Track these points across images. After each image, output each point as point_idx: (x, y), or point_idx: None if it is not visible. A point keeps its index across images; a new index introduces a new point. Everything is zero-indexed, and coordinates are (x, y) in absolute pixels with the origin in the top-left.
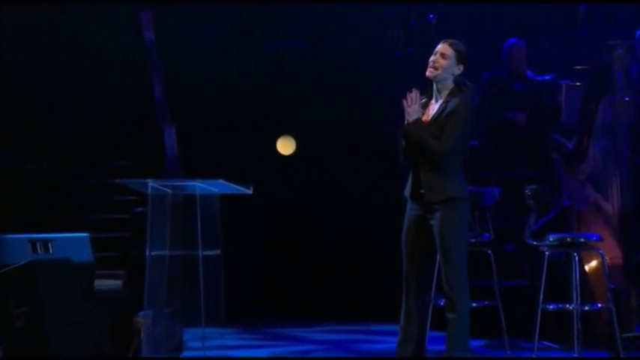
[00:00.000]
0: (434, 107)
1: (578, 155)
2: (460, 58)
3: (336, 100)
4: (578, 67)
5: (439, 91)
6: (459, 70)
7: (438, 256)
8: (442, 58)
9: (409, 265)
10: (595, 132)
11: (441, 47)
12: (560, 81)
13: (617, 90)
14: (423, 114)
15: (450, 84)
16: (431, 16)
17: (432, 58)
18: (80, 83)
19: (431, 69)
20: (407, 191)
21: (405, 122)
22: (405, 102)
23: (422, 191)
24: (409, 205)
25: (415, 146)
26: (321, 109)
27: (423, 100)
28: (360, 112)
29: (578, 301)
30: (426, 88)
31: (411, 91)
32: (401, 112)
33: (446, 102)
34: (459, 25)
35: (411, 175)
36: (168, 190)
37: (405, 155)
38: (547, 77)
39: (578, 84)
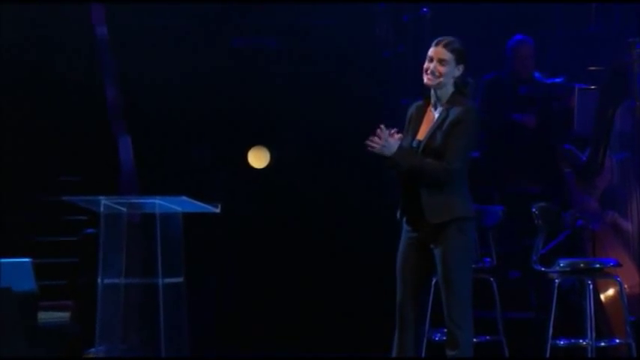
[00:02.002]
0: (434, 115)
1: (593, 168)
2: (459, 57)
3: (317, 106)
4: (592, 68)
5: (439, 98)
6: (459, 71)
7: (434, 284)
8: (441, 65)
9: (405, 294)
10: (612, 142)
11: (435, 51)
12: (573, 84)
13: (637, 94)
14: (422, 121)
15: (450, 88)
16: (425, 9)
17: (427, 65)
18: (22, 85)
19: (430, 77)
20: (401, 213)
21: (387, 156)
22: (374, 144)
23: (419, 213)
24: (405, 228)
25: (409, 173)
26: (298, 116)
27: (416, 105)
28: (344, 120)
29: (593, 336)
30: (423, 93)
31: (375, 133)
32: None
33: (447, 110)
34: (457, 19)
35: (405, 194)
36: (124, 209)
37: (399, 175)
38: (557, 80)
39: (592, 87)
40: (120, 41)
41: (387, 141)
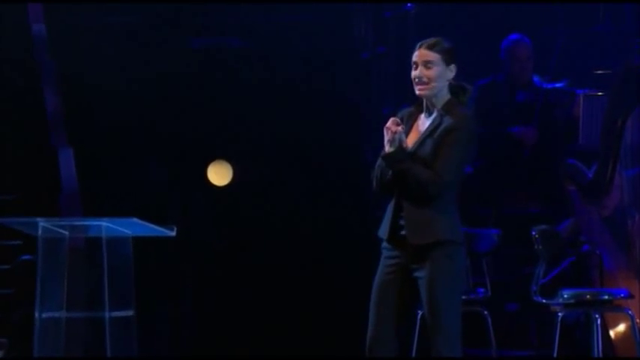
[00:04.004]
0: (424, 122)
1: (601, 186)
2: (448, 57)
3: (286, 115)
4: (600, 72)
5: (433, 105)
6: (452, 72)
7: (419, 317)
8: (427, 68)
9: (379, 330)
10: (622, 156)
11: (418, 55)
12: (577, 90)
13: None
14: (410, 130)
15: (445, 93)
16: (409, 5)
17: (414, 73)
18: None
19: (420, 86)
20: (383, 231)
21: (386, 150)
22: (394, 129)
23: (403, 232)
24: (386, 252)
25: (399, 178)
26: (265, 127)
27: (406, 112)
28: (317, 130)
29: None
30: (415, 101)
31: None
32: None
33: (441, 116)
34: (446, 16)
35: (389, 210)
36: (65, 232)
37: (382, 186)
38: (560, 84)
39: (600, 93)
40: (61, 41)
41: (396, 135)
